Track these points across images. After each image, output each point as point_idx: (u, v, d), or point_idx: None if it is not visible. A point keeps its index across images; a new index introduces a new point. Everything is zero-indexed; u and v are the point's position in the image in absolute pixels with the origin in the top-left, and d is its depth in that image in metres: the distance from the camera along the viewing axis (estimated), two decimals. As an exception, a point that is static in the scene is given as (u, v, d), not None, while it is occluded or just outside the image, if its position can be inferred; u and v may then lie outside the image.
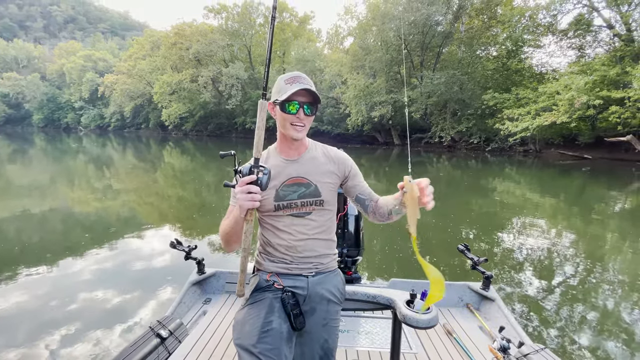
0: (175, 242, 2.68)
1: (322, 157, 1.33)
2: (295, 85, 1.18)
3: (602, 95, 15.55)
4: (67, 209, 7.86)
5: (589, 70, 17.37)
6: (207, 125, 41.38)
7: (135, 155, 21.38)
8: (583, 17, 19.31)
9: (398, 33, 23.46)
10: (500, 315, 2.46)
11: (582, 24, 19.45)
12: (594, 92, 15.84)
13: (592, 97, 15.53)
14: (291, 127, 1.22)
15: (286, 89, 1.19)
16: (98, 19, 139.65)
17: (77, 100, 58.20)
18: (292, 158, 1.30)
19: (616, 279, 4.36)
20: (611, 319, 3.39)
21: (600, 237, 6.27)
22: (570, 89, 16.06)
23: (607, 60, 17.82)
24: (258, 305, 1.24)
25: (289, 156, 1.30)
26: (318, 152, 1.34)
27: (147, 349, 1.95)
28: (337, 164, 1.33)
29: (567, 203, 9.17)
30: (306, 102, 1.21)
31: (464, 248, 2.63)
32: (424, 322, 1.30)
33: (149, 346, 1.97)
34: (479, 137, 22.85)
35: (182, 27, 37.09)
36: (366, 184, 1.39)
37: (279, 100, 1.20)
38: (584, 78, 16.00)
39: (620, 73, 15.98)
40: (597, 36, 20.24)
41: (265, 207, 1.26)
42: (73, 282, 4.08)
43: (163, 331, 2.09)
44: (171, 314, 2.39)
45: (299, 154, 1.31)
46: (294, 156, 1.30)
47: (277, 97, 1.22)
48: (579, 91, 15.70)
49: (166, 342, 2.06)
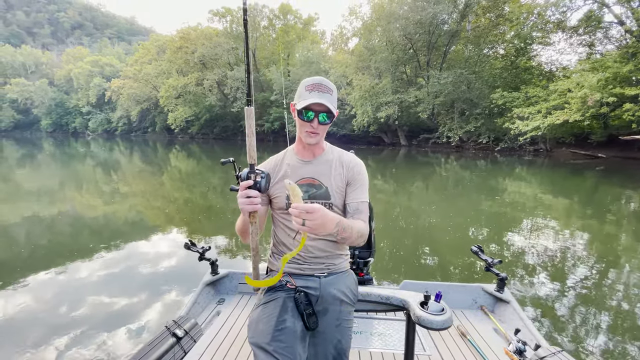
0: (189, 244, 2.72)
1: (336, 161, 1.36)
2: (313, 94, 1.22)
3: (616, 92, 15.20)
4: (76, 212, 7.81)
5: (600, 67, 17.01)
6: (213, 129, 41.47)
7: (142, 159, 21.40)
8: (593, 13, 18.96)
9: (404, 33, 23.29)
10: (516, 318, 2.42)
11: (592, 21, 19.08)
12: (607, 89, 15.49)
13: (605, 94, 15.18)
14: (306, 133, 1.28)
15: (305, 97, 1.24)
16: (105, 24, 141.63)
17: (85, 105, 58.90)
18: (307, 159, 1.35)
19: (631, 280, 4.25)
20: (627, 321, 3.30)
21: (615, 237, 6.09)
22: (582, 87, 15.73)
23: (619, 57, 17.46)
24: (272, 305, 1.26)
25: (306, 157, 1.35)
26: (334, 156, 1.37)
27: (164, 348, 1.99)
28: (345, 169, 1.35)
29: (581, 203, 8.91)
30: (322, 111, 1.24)
31: (478, 249, 2.56)
32: (439, 324, 1.29)
33: (165, 345, 2.01)
34: (487, 137, 22.52)
35: (187, 31, 37.32)
36: (362, 199, 1.33)
37: (297, 107, 1.25)
38: (596, 75, 15.66)
39: (633, 70, 15.61)
40: (607, 33, 19.86)
41: (278, 205, 1.32)
42: (86, 284, 4.04)
43: (179, 331, 2.12)
44: (186, 314, 2.41)
45: (314, 156, 1.36)
46: (309, 157, 1.35)
47: (297, 101, 1.27)
48: (592, 88, 15.36)
49: (182, 342, 2.10)
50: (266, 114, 34.42)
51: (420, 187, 11.28)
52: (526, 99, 19.65)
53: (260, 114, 35.54)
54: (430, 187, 11.43)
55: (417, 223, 6.81)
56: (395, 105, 23.63)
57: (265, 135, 36.71)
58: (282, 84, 31.08)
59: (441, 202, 9.05)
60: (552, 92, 18.11)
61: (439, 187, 11.47)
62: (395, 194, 9.91)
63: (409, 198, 9.48)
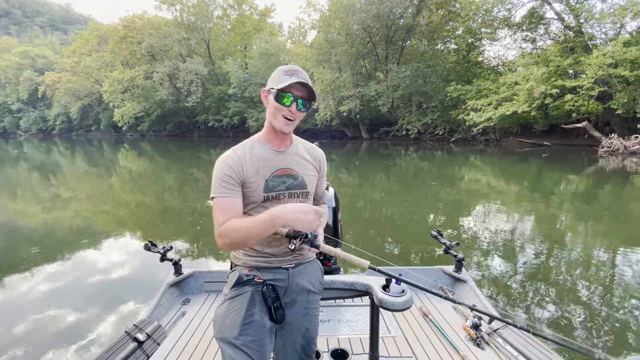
0: (149, 245, 2.60)
1: (304, 152, 1.36)
2: (293, 78, 1.18)
3: (558, 84, 16.42)
4: (10, 222, 6.91)
5: (543, 61, 18.28)
6: (165, 125, 39.10)
7: (86, 160, 19.59)
8: (536, 10, 20.29)
9: (362, 26, 23.36)
10: (472, 295, 2.57)
11: (535, 17, 20.42)
12: (550, 81, 16.68)
13: (549, 86, 16.34)
14: (282, 118, 1.21)
15: (284, 80, 1.18)
16: (35, 12, 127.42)
17: (15, 101, 52.87)
18: (280, 149, 1.29)
19: (573, 256, 4.65)
20: (571, 293, 3.61)
21: (559, 217, 6.67)
22: (528, 80, 16.79)
23: (559, 52, 18.87)
24: (239, 299, 1.23)
25: (277, 147, 1.29)
26: (301, 146, 1.37)
27: (124, 354, 1.90)
28: (316, 160, 1.38)
29: (529, 188, 9.54)
30: (301, 96, 1.21)
31: (437, 234, 2.68)
32: (399, 305, 1.34)
33: (125, 351, 1.93)
34: (443, 129, 23.46)
35: (132, 20, 34.43)
36: (324, 185, 1.48)
37: (275, 88, 1.18)
38: (541, 68, 16.79)
39: (572, 63, 16.94)
40: (547, 29, 21.40)
41: (253, 199, 1.23)
42: (27, 300, 3.65)
43: (140, 335, 2.03)
44: (148, 317, 2.33)
45: (287, 146, 1.31)
46: (282, 147, 1.29)
47: (273, 86, 1.20)
48: (537, 81, 16.45)
49: (144, 346, 2.01)
50: (224, 109, 33.03)
51: (382, 179, 11.45)
52: (478, 92, 20.66)
53: (218, 109, 34.05)
54: (391, 178, 11.65)
55: (380, 213, 7.04)
56: (356, 99, 23.73)
57: (224, 130, 35.31)
58: (239, 77, 29.87)
59: (402, 192, 9.36)
60: (501, 84, 19.20)
61: (399, 177, 11.73)
62: (359, 187, 9.99)
63: (372, 189, 9.61)
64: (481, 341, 2.12)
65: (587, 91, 15.62)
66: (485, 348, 2.08)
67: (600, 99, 17.33)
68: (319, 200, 1.47)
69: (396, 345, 2.15)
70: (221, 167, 1.19)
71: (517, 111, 17.31)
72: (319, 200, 1.47)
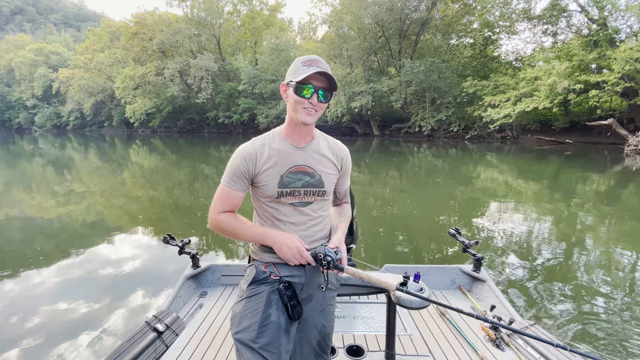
0: (168, 238, 2.63)
1: (326, 149, 1.31)
2: (312, 68, 1.14)
3: (581, 79, 15.74)
4: (26, 216, 6.95)
5: (564, 55, 17.56)
6: (176, 121, 39.16)
7: (99, 156, 19.70)
8: (557, 2, 19.49)
9: (375, 20, 22.87)
10: (492, 295, 2.54)
11: (556, 9, 19.64)
12: (574, 76, 16.00)
13: (572, 81, 15.68)
14: (303, 110, 1.17)
15: (303, 71, 1.14)
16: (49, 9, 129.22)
17: (29, 97, 53.67)
18: (299, 145, 1.25)
19: (594, 258, 4.50)
20: (593, 294, 3.49)
21: (579, 218, 6.41)
22: (550, 74, 16.13)
23: (582, 45, 18.11)
24: (255, 299, 1.22)
25: (296, 143, 1.26)
26: (323, 143, 1.32)
27: (144, 343, 1.95)
28: (338, 158, 1.33)
29: (550, 188, 9.11)
30: (321, 87, 1.18)
31: (455, 232, 2.61)
32: (417, 303, 1.35)
33: (145, 340, 1.97)
34: (458, 126, 22.86)
35: (144, 16, 34.52)
36: (348, 183, 1.44)
37: (294, 81, 1.15)
38: (564, 63, 16.11)
39: (597, 57, 16.22)
40: (569, 22, 20.58)
41: (267, 193, 1.23)
42: (47, 291, 3.70)
43: (160, 325, 2.09)
44: (167, 308, 2.39)
45: (306, 142, 1.27)
46: (301, 144, 1.26)
47: (292, 78, 1.17)
48: (560, 76, 15.78)
49: (163, 336, 2.06)
50: (234, 105, 32.89)
51: (394, 176, 11.14)
52: (495, 87, 20.02)
53: (228, 105, 33.95)
54: (404, 176, 11.31)
55: (393, 211, 6.85)
56: (368, 95, 23.29)
57: (234, 127, 35.23)
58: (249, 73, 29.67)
59: (416, 190, 9.12)
60: (521, 80, 18.52)
61: (412, 176, 11.39)
62: (371, 184, 9.74)
63: (384, 187, 9.36)
64: (501, 342, 2.07)
65: (613, 87, 14.92)
66: (505, 349, 2.03)
67: (625, 95, 16.59)
68: (341, 199, 1.44)
69: (412, 344, 2.12)
70: (236, 158, 1.21)
71: (537, 107, 16.68)
72: (341, 200, 1.45)
